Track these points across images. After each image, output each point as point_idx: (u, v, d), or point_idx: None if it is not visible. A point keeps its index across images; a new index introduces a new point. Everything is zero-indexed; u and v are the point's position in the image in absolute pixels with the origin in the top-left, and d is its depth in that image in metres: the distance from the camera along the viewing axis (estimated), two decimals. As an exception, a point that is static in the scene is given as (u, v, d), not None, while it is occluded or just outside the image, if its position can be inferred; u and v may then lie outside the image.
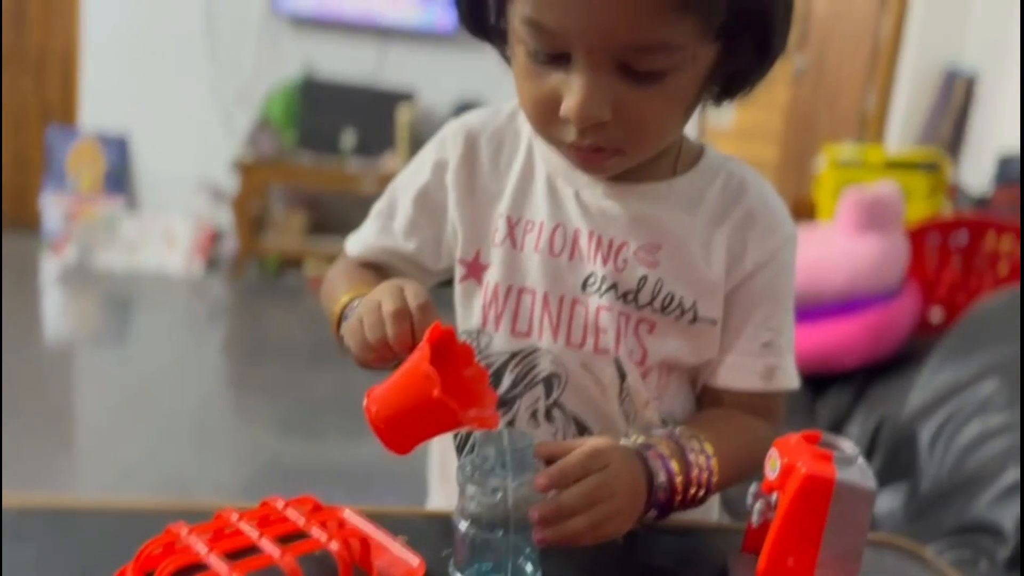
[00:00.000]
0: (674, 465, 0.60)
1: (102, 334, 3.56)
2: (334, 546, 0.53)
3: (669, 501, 0.60)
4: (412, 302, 0.57)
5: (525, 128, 0.71)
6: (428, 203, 0.72)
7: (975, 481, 1.52)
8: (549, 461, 0.56)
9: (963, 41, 4.14)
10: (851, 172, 3.18)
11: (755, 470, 0.63)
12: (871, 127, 4.08)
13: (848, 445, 0.59)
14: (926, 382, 1.75)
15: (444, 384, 0.52)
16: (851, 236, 1.91)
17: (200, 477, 2.22)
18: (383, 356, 0.58)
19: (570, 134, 0.59)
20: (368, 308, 0.58)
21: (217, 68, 4.06)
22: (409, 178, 0.73)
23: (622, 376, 0.67)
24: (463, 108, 3.91)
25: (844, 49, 4.49)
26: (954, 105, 4.12)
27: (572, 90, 0.56)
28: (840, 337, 1.88)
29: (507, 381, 0.68)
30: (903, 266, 1.97)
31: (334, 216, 4.16)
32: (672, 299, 0.67)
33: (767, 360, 0.69)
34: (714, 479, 0.62)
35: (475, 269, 0.69)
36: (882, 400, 1.84)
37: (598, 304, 0.67)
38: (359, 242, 0.76)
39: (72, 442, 2.44)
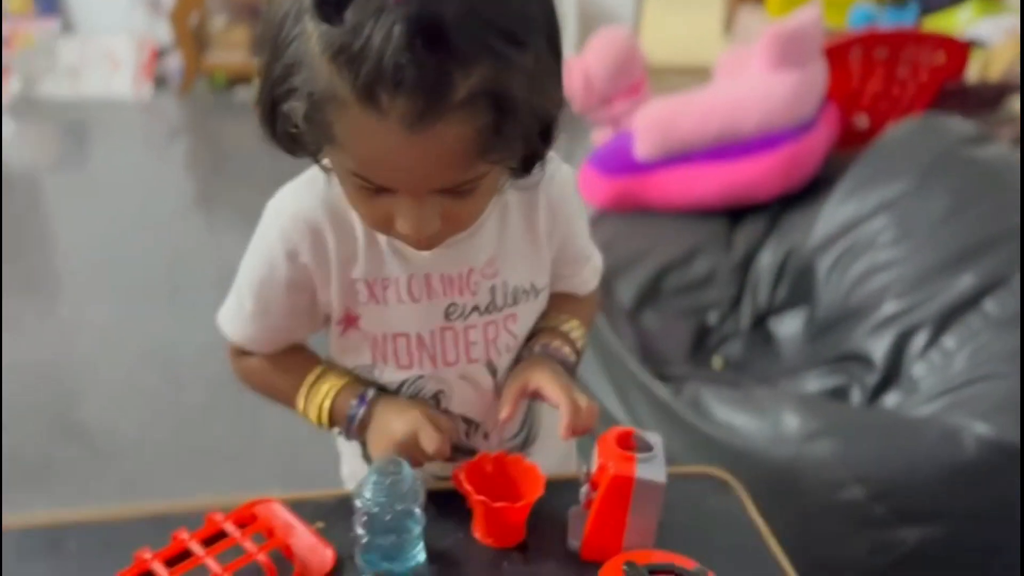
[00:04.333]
0: (567, 351, 0.83)
1: (63, 163, 3.61)
2: (262, 558, 0.72)
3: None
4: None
5: None
6: (297, 286, 0.78)
7: (857, 313, 1.72)
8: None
9: None
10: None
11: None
12: None
13: (655, 440, 0.77)
14: (829, 216, 1.90)
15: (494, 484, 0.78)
16: (767, 73, 1.97)
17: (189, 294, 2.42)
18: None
19: (408, 238, 0.67)
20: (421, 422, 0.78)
21: None
22: (267, 275, 0.78)
23: (493, 372, 0.83)
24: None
25: None
26: None
27: (404, 215, 0.64)
28: (755, 172, 2.01)
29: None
30: (819, 96, 2.05)
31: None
32: (519, 290, 0.81)
33: (592, 265, 0.90)
34: (582, 345, 0.85)
35: (351, 320, 0.79)
36: (791, 231, 2.00)
37: (464, 325, 0.79)
38: (254, 343, 0.83)
39: (47, 285, 2.61)
